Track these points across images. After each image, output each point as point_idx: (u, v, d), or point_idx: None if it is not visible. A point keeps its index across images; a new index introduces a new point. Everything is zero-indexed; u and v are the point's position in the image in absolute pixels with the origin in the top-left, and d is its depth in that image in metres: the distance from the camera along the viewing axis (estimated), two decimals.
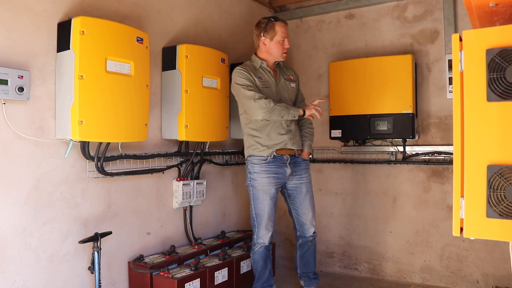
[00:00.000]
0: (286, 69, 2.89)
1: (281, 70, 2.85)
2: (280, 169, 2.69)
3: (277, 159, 2.67)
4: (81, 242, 2.27)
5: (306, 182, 2.78)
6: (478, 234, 1.25)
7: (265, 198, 2.67)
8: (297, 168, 2.75)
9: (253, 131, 2.70)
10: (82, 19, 2.11)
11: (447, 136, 3.27)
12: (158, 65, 2.81)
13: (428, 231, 3.34)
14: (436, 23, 3.31)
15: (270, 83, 2.73)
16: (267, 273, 2.78)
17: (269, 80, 2.74)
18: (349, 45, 3.70)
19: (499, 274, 3.07)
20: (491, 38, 1.21)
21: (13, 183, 2.06)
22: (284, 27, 2.73)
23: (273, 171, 2.67)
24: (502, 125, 1.20)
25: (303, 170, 2.78)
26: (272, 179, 2.67)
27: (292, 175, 2.73)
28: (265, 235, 2.72)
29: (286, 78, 2.83)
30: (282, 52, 2.75)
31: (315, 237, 2.91)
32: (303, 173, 2.77)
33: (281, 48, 2.73)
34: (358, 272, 3.63)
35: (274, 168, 2.67)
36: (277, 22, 2.71)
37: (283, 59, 2.79)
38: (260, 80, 2.70)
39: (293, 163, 2.72)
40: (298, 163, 2.76)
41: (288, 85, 2.81)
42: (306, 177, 2.79)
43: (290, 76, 2.87)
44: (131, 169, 2.61)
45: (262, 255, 2.75)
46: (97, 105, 2.16)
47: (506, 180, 1.18)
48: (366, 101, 3.32)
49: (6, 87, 1.95)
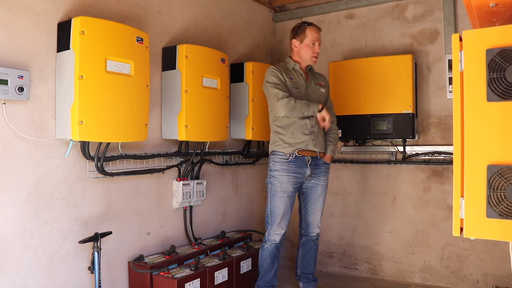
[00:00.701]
0: (318, 75, 2.97)
1: (313, 74, 2.91)
2: (300, 169, 2.73)
3: (298, 159, 2.71)
4: (81, 242, 2.27)
5: (322, 185, 2.84)
6: (478, 234, 1.25)
7: (282, 196, 2.72)
8: (317, 170, 2.80)
9: (279, 128, 2.76)
10: (82, 19, 2.11)
11: (447, 136, 3.27)
12: (158, 65, 2.81)
13: (428, 231, 3.34)
14: (436, 23, 3.31)
15: (300, 85, 2.80)
16: (272, 273, 2.79)
17: (300, 82, 2.81)
18: (349, 45, 3.70)
19: (499, 274, 3.07)
20: (491, 38, 1.21)
21: (13, 183, 2.06)
22: (316, 31, 2.79)
23: (293, 171, 2.72)
24: (502, 125, 1.20)
25: (322, 173, 2.83)
26: (292, 178, 2.72)
27: (311, 176, 2.78)
28: (277, 233, 2.75)
29: (317, 83, 2.89)
30: (312, 56, 2.79)
31: (318, 238, 2.95)
32: (321, 175, 2.83)
33: (311, 52, 2.79)
34: (358, 272, 3.63)
35: (294, 168, 2.71)
36: (309, 26, 2.80)
37: (312, 62, 2.83)
38: (291, 81, 2.77)
39: (314, 164, 2.77)
40: (319, 166, 2.81)
41: (318, 89, 2.88)
42: (324, 180, 2.85)
43: (321, 81, 2.94)
44: (131, 169, 2.61)
45: (271, 253, 2.77)
46: (97, 105, 2.16)
47: (506, 180, 1.18)
48: (366, 101, 3.32)
49: (6, 87, 1.95)
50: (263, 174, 3.51)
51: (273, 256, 2.78)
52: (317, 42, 2.80)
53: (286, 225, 2.76)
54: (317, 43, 2.80)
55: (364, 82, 3.33)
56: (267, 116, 2.90)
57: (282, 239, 2.79)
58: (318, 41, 2.80)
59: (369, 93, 3.31)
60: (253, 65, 3.29)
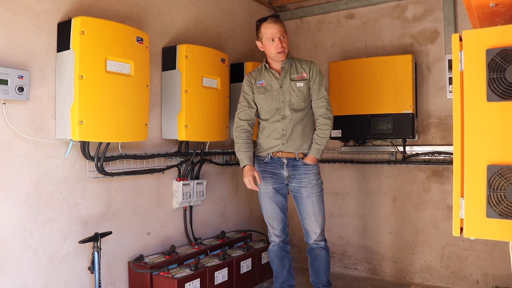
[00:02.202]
0: (300, 66, 2.69)
1: (292, 69, 2.68)
2: (276, 170, 2.68)
3: (274, 160, 2.67)
4: (81, 242, 2.27)
5: (306, 187, 2.64)
6: (478, 234, 1.25)
7: (265, 197, 2.70)
8: (296, 171, 2.65)
9: (259, 132, 2.76)
10: (82, 19, 2.11)
11: (447, 136, 3.27)
12: (158, 65, 2.81)
13: (428, 231, 3.35)
14: (436, 23, 3.31)
15: (272, 87, 2.67)
16: (285, 273, 2.77)
17: (272, 83, 2.67)
18: (349, 45, 3.70)
19: (499, 274, 3.07)
20: (491, 38, 1.21)
21: (13, 183, 2.06)
22: (271, 27, 2.59)
23: (269, 171, 2.68)
24: (502, 125, 1.19)
25: (302, 175, 2.64)
26: (269, 179, 2.67)
27: (291, 178, 2.67)
28: (272, 234, 2.75)
29: (295, 78, 2.66)
30: (276, 52, 2.60)
31: (322, 246, 2.73)
32: (302, 177, 2.64)
33: (273, 48, 2.60)
34: (358, 272, 3.63)
35: (271, 168, 2.68)
36: (263, 23, 2.62)
37: (279, 59, 2.63)
38: (260, 86, 2.70)
39: (291, 166, 2.65)
40: (297, 167, 2.65)
41: (294, 85, 2.65)
42: (307, 182, 2.64)
43: (302, 74, 2.67)
44: (131, 169, 2.61)
45: (277, 253, 2.75)
46: (97, 105, 2.16)
47: (506, 180, 1.18)
48: (366, 101, 3.32)
49: (6, 87, 1.95)
50: None
51: (280, 256, 2.75)
52: (277, 36, 2.58)
53: (279, 225, 2.71)
54: (277, 37, 2.58)
55: (364, 82, 3.33)
56: None
57: (283, 239, 2.76)
58: (277, 34, 2.58)
59: (369, 93, 3.31)
60: (253, 65, 3.29)
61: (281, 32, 2.61)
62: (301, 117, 2.64)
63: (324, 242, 2.74)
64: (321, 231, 2.70)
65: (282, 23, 2.67)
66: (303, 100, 2.65)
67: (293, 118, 2.63)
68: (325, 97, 2.67)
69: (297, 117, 2.63)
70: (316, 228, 2.68)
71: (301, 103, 2.65)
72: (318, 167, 2.70)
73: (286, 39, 2.64)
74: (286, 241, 2.79)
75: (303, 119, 2.65)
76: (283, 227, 2.76)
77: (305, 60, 2.75)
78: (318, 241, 2.71)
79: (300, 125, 2.65)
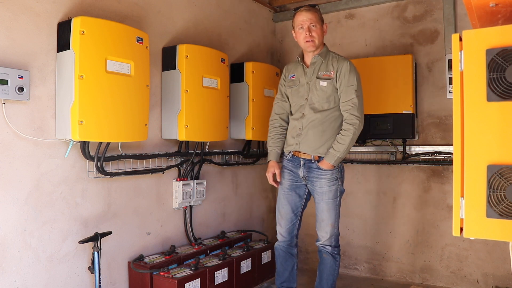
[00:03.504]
0: (332, 64, 2.55)
1: (323, 65, 2.56)
2: (294, 168, 2.65)
3: (294, 158, 2.65)
4: (81, 242, 2.27)
5: (318, 192, 2.56)
6: (478, 234, 1.25)
7: (281, 191, 2.71)
8: (309, 174, 2.58)
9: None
10: (82, 19, 2.11)
11: (447, 136, 3.27)
12: (158, 65, 2.81)
13: (428, 231, 3.34)
14: (436, 23, 3.31)
15: (298, 82, 2.62)
16: (286, 274, 2.72)
17: (300, 78, 2.62)
18: (349, 45, 3.70)
19: (499, 274, 3.07)
20: (491, 38, 1.21)
21: (13, 183, 2.06)
22: (302, 14, 2.51)
23: (289, 167, 2.68)
24: (502, 125, 1.20)
25: (315, 178, 2.56)
26: (287, 174, 2.67)
27: (305, 179, 2.62)
28: (278, 232, 2.73)
29: (322, 75, 2.54)
30: (304, 41, 2.51)
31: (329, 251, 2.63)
32: (314, 180, 2.56)
33: (301, 37, 2.52)
34: (358, 272, 3.63)
35: (291, 166, 2.67)
36: (296, 11, 2.55)
37: (308, 48, 2.53)
38: (290, 80, 2.70)
39: (307, 167, 2.58)
40: (311, 170, 2.57)
41: (317, 83, 2.53)
42: (318, 186, 2.55)
43: (330, 72, 2.53)
44: (131, 169, 2.61)
45: (281, 253, 2.72)
46: (97, 105, 2.16)
47: (506, 180, 1.18)
48: (366, 101, 3.29)
49: (6, 87, 1.95)
50: (263, 174, 3.50)
51: (283, 257, 2.71)
52: (305, 24, 2.48)
53: (286, 226, 2.67)
54: (306, 25, 2.48)
55: (364, 82, 3.29)
56: (267, 116, 2.90)
57: (288, 241, 2.70)
58: (305, 23, 2.49)
59: (369, 93, 3.30)
60: (253, 65, 3.29)
61: (312, 20, 2.50)
62: (321, 118, 2.53)
63: (331, 248, 2.63)
64: (329, 237, 2.60)
65: (317, 12, 2.55)
66: (325, 100, 2.52)
67: (311, 119, 2.54)
68: (352, 100, 2.47)
69: (316, 118, 2.53)
70: (323, 233, 2.62)
71: (324, 103, 2.53)
72: (335, 173, 2.54)
73: (318, 29, 2.52)
74: (292, 243, 2.73)
75: (324, 121, 2.53)
76: (291, 228, 2.68)
77: (339, 57, 2.58)
78: (325, 245, 2.64)
79: (320, 126, 2.53)
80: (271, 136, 2.75)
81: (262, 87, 3.36)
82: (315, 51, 2.58)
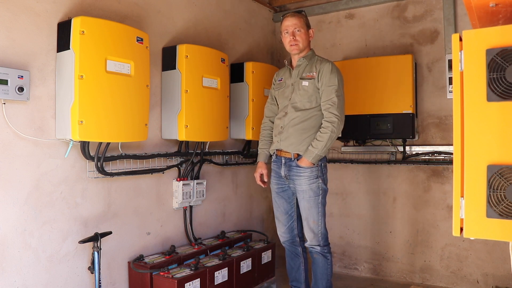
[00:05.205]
0: (315, 65, 2.62)
1: (308, 67, 2.64)
2: (277, 169, 2.72)
3: (277, 158, 2.71)
4: (81, 242, 2.27)
5: (299, 190, 2.59)
6: (478, 234, 1.25)
7: (272, 194, 2.81)
8: (290, 173, 2.62)
9: None
10: (82, 19, 2.11)
11: (447, 136, 3.27)
12: (158, 65, 2.81)
13: (428, 231, 3.35)
14: (436, 23, 3.31)
15: (285, 84, 2.72)
16: (293, 273, 2.82)
17: (286, 80, 2.72)
18: (349, 45, 3.70)
19: (499, 274, 3.07)
20: (491, 38, 1.21)
21: (13, 183, 2.06)
22: (287, 19, 2.63)
23: (274, 169, 2.75)
24: (502, 125, 1.20)
25: (295, 176, 2.59)
26: (274, 178, 2.75)
27: (287, 178, 2.65)
28: (278, 232, 2.82)
29: (305, 76, 2.60)
30: (289, 45, 2.63)
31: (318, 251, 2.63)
32: (294, 179, 2.60)
33: (286, 41, 2.64)
34: (358, 272, 3.63)
35: (275, 167, 2.74)
36: (284, 17, 2.68)
37: (292, 51, 2.64)
38: (279, 83, 2.78)
39: (287, 166, 2.63)
40: (291, 168, 2.61)
41: (300, 84, 2.61)
42: (299, 185, 2.57)
43: (312, 73, 2.59)
44: (131, 169, 2.61)
45: (287, 252, 2.83)
46: (97, 105, 2.16)
47: (506, 180, 1.18)
48: (366, 101, 3.32)
49: (6, 87, 1.95)
50: None
51: (290, 256, 2.82)
52: (290, 29, 2.60)
53: (284, 225, 2.76)
54: (290, 29, 2.60)
55: (364, 82, 3.33)
56: None
57: (289, 240, 2.78)
58: (290, 28, 2.60)
59: (369, 93, 3.31)
60: (253, 65, 3.29)
61: (297, 25, 2.60)
62: (302, 117, 2.57)
63: (320, 248, 2.63)
64: (315, 236, 2.61)
65: (302, 18, 2.64)
66: (307, 100, 2.58)
67: (292, 117, 2.59)
68: (332, 99, 2.50)
69: (296, 116, 2.58)
70: (309, 233, 2.63)
71: (306, 102, 2.58)
72: (315, 171, 2.55)
73: (302, 34, 2.61)
74: (295, 242, 2.80)
75: (305, 119, 2.57)
76: (290, 229, 2.77)
77: (322, 59, 2.66)
78: (313, 245, 2.64)
79: (300, 124, 2.57)
80: (261, 138, 2.87)
81: (262, 87, 3.37)
82: (299, 54, 2.66)
